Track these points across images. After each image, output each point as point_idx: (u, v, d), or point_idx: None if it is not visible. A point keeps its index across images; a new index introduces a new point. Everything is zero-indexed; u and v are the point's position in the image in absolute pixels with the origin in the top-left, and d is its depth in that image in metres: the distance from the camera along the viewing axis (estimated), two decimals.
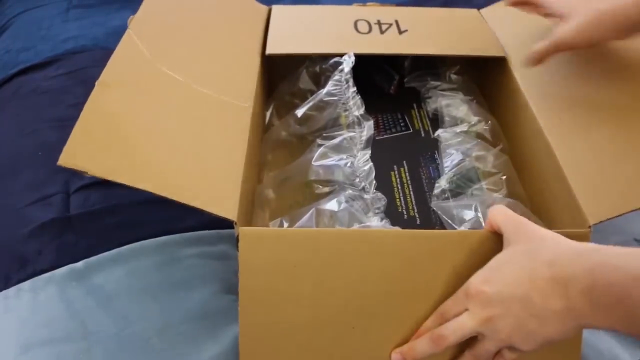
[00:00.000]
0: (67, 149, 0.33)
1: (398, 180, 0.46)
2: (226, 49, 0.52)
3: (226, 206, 0.37)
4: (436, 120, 0.54)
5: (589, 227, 0.37)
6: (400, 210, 0.44)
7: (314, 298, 0.35)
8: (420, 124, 0.53)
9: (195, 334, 0.43)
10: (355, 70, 0.54)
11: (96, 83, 0.38)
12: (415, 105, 0.56)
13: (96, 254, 0.49)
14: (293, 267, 0.35)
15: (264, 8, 0.62)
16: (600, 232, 0.37)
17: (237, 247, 0.35)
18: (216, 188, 0.38)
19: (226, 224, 0.51)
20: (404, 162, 0.48)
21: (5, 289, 0.47)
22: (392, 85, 0.58)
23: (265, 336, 0.34)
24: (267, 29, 0.57)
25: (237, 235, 0.35)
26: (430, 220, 0.44)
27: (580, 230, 0.37)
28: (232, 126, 0.44)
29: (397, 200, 0.45)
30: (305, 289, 0.35)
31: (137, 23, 0.45)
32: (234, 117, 0.45)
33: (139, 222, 0.52)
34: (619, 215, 0.37)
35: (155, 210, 0.53)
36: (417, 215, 0.43)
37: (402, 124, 0.53)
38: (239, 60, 0.52)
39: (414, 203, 0.44)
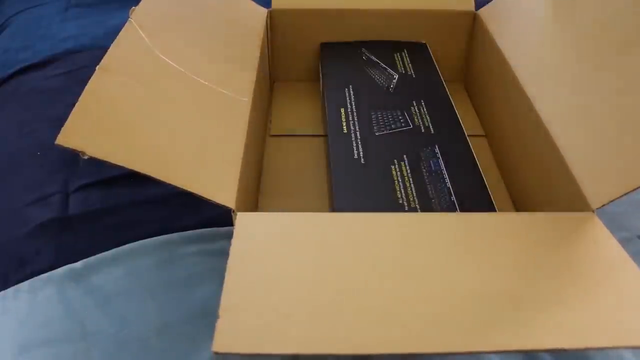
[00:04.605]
0: (65, 129, 0.33)
1: (398, 173, 0.46)
2: (226, 45, 0.52)
3: (224, 194, 0.37)
4: (437, 117, 0.53)
5: (593, 211, 0.37)
6: (401, 202, 0.44)
7: (320, 258, 0.33)
8: (420, 120, 0.53)
9: (195, 333, 0.43)
10: (354, 69, 0.54)
11: (97, 67, 0.38)
12: (415, 102, 0.55)
13: (95, 254, 0.48)
14: (293, 234, 0.35)
15: (263, 10, 0.62)
16: None
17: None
18: (214, 176, 0.38)
19: (225, 221, 0.51)
20: (404, 156, 0.48)
21: (3, 289, 0.47)
22: (392, 83, 0.58)
23: (255, 289, 0.31)
24: (267, 31, 0.57)
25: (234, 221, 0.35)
26: (429, 207, 0.44)
27: (584, 213, 0.37)
28: (231, 118, 0.44)
29: (398, 192, 0.45)
30: (308, 249, 0.34)
31: (139, 13, 0.45)
32: (233, 110, 0.45)
33: (138, 221, 0.52)
34: (623, 195, 0.36)
35: (154, 210, 0.52)
36: (418, 207, 0.44)
37: (401, 120, 0.53)
38: (238, 58, 0.52)
39: (414, 195, 0.44)
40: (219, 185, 0.37)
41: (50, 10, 0.88)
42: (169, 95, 0.42)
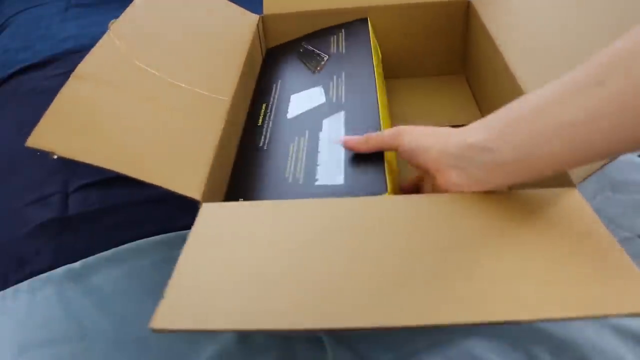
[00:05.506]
0: (36, 131, 0.34)
1: (295, 149, 0.46)
2: (210, 52, 0.52)
3: (191, 186, 0.37)
4: (352, 86, 0.52)
5: (575, 185, 0.37)
6: (286, 175, 0.44)
7: (273, 243, 0.33)
8: (334, 92, 0.52)
9: (192, 334, 0.43)
10: (287, 64, 0.56)
11: (71, 76, 0.39)
12: (335, 77, 0.54)
13: (94, 254, 0.49)
14: (251, 222, 0.35)
15: (254, 16, 0.62)
16: None
17: None
18: (184, 170, 0.39)
19: None
20: (307, 131, 0.48)
21: (2, 289, 0.47)
22: (320, 66, 0.57)
23: (205, 272, 0.32)
24: (260, 36, 0.57)
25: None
26: (313, 177, 0.43)
27: (565, 189, 0.37)
28: (206, 115, 0.44)
29: (287, 169, 0.45)
30: (263, 235, 0.34)
31: (119, 25, 0.46)
32: (209, 108, 0.45)
33: (136, 221, 0.52)
34: (601, 167, 0.36)
35: (152, 210, 0.52)
36: (301, 178, 0.43)
37: (316, 97, 0.52)
38: (222, 62, 0.52)
39: (302, 166, 0.44)
40: (187, 178, 0.38)
41: (50, 10, 0.88)
42: (141, 97, 0.42)
